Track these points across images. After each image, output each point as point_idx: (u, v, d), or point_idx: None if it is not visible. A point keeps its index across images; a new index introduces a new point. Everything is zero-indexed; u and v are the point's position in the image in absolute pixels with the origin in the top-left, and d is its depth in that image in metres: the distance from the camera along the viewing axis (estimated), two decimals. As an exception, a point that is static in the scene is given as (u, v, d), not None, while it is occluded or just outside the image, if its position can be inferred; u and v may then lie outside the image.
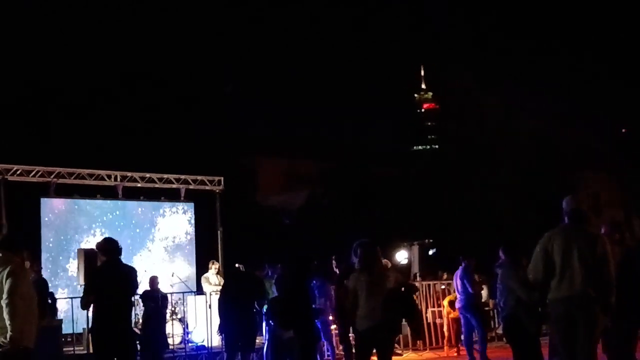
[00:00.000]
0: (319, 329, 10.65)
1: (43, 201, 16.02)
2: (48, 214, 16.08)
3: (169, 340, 13.03)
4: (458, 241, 26.91)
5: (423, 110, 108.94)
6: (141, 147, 27.93)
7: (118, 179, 17.02)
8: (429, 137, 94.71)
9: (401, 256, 15.98)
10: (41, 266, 14.91)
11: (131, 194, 17.52)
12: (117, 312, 7.72)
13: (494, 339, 14.23)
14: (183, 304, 14.59)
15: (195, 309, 14.42)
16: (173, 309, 13.96)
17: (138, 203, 17.54)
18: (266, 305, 10.01)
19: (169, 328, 13.45)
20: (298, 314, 8.67)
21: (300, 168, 40.66)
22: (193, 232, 18.02)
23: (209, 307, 13.07)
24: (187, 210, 18.00)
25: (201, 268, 16.45)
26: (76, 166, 16.93)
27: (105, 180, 16.91)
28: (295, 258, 9.48)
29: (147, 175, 17.52)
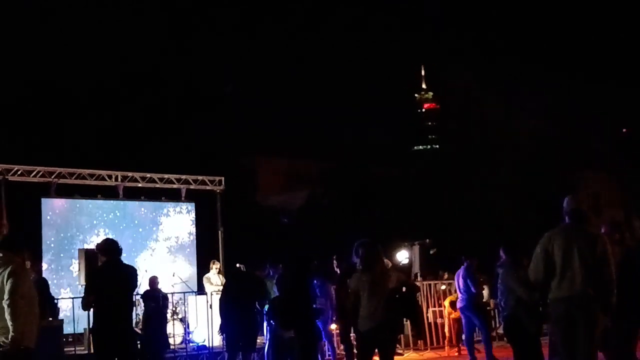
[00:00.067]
0: (320, 329, 10.66)
1: (44, 201, 15.98)
2: (49, 213, 16.05)
3: (170, 340, 13.04)
4: (458, 241, 26.87)
5: (423, 110, 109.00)
6: (142, 147, 27.98)
7: (119, 179, 17.00)
8: (430, 137, 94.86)
9: (402, 256, 15.97)
10: (42, 266, 14.96)
11: (132, 194, 17.52)
12: (118, 312, 7.73)
13: (495, 339, 14.22)
14: (184, 304, 14.58)
15: (196, 309, 14.41)
16: (174, 309, 13.95)
17: (140, 203, 17.52)
18: (267, 305, 10.02)
19: (170, 328, 13.45)
20: (298, 314, 8.68)
21: (300, 168, 40.72)
22: (195, 232, 18.01)
23: (210, 307, 13.07)
24: (191, 210, 17.97)
25: (202, 268, 16.44)
26: (77, 166, 16.93)
27: (106, 180, 16.90)
28: (295, 258, 9.49)
29: (148, 175, 17.51)
